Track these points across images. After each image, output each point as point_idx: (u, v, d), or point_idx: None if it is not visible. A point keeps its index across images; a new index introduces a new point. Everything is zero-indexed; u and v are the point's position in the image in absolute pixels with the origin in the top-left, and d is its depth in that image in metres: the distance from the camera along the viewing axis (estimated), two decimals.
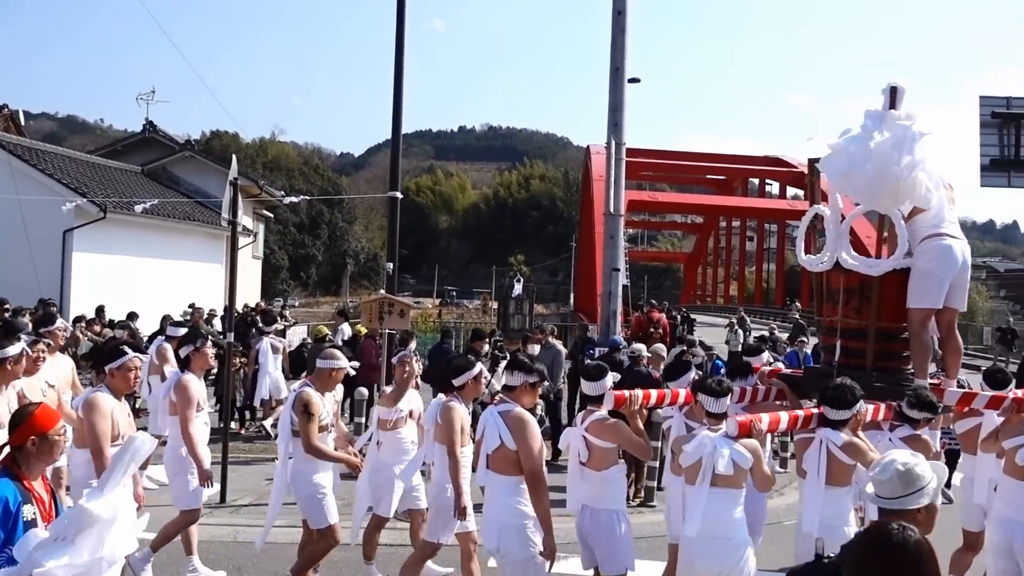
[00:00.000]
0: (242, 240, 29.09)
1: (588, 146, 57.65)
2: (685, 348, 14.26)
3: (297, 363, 14.87)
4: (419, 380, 7.96)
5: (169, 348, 10.21)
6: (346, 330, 15.20)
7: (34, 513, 3.42)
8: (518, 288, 21.17)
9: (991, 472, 6.19)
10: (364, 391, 10.99)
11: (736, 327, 23.06)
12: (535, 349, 10.25)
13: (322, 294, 78.94)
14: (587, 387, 5.66)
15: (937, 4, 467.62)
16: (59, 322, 8.26)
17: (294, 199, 18.13)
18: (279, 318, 20.22)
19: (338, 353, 6.50)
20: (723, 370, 14.11)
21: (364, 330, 15.10)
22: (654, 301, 19.28)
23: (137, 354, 5.92)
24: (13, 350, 5.63)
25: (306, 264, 78.84)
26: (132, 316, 16.00)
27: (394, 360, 7.17)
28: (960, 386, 6.56)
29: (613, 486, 5.56)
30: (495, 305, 29.72)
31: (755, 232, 70.96)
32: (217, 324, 18.76)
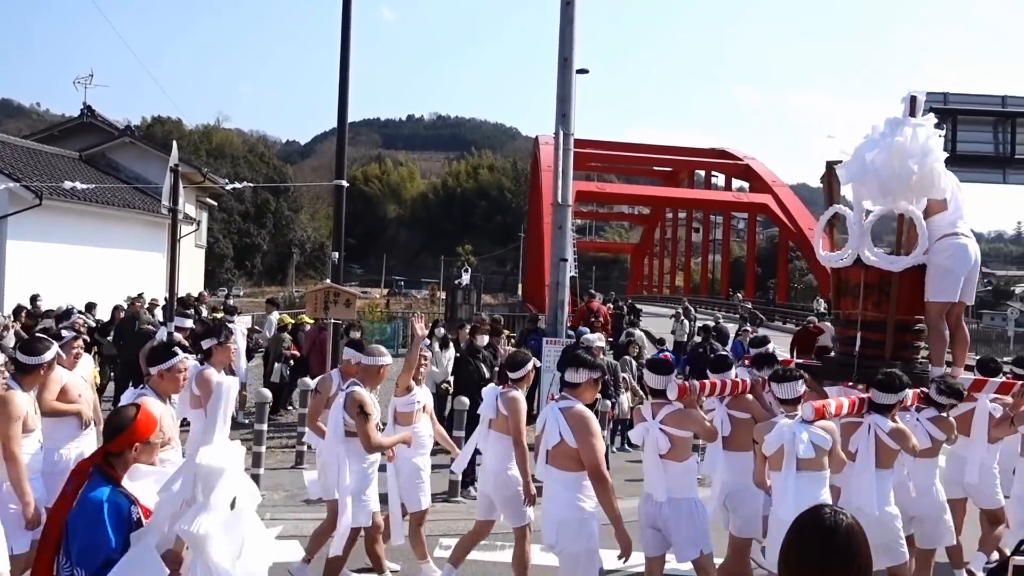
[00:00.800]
0: (184, 228, 28.51)
1: (537, 136, 57.73)
2: (631, 339, 14.39)
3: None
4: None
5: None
6: (273, 320, 14.82)
7: (138, 514, 3.39)
8: (466, 278, 21.14)
9: (983, 455, 6.67)
10: (309, 381, 10.84)
11: (682, 317, 23.29)
12: (483, 339, 10.21)
13: (267, 284, 78.00)
14: (653, 380, 5.69)
15: (881, 2, 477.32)
16: (76, 317, 8.43)
17: (238, 185, 17.73)
18: (223, 308, 19.90)
19: (383, 349, 6.57)
20: (670, 358, 14.24)
21: (289, 320, 14.98)
22: (595, 292, 19.37)
23: (186, 355, 5.69)
24: (48, 355, 5.53)
25: (251, 253, 77.76)
26: (91, 307, 15.52)
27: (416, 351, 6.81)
28: None
29: (691, 475, 5.69)
30: (443, 295, 29.63)
31: (701, 223, 71.77)
32: (159, 314, 18.39)
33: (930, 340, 6.87)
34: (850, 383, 6.72)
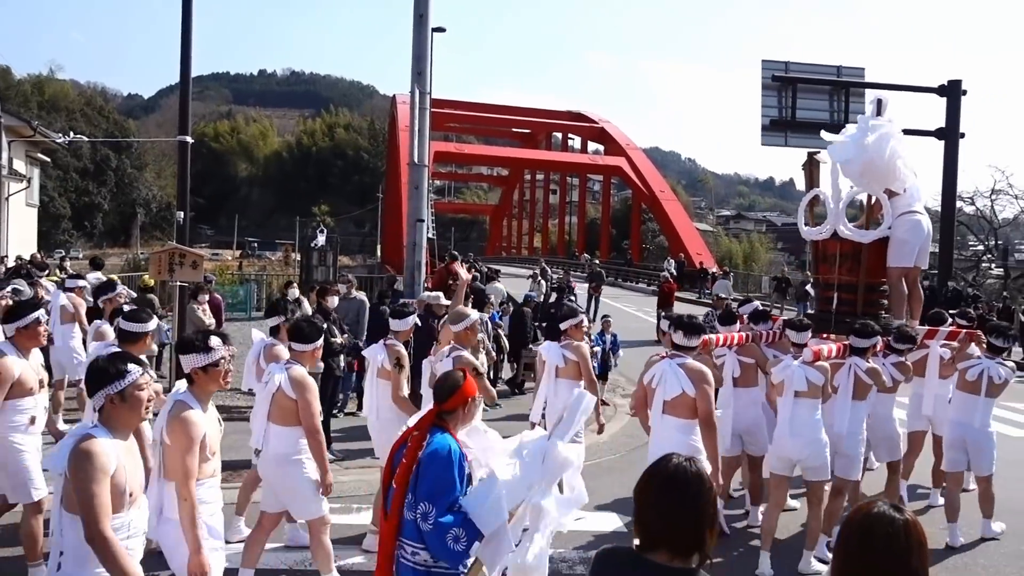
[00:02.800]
0: (13, 186, 26.64)
1: (394, 95, 56.79)
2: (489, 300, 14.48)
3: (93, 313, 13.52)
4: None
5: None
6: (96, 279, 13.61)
7: (470, 466, 3.82)
8: (321, 239, 20.59)
9: (936, 389, 8.05)
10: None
11: (539, 278, 23.66)
12: (334, 301, 10.01)
13: (110, 245, 73.89)
14: (682, 338, 6.09)
15: None
16: (120, 288, 8.42)
17: (75, 138, 16.54)
18: (58, 271, 18.72)
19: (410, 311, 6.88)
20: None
21: (150, 281, 14.14)
22: (456, 253, 19.37)
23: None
24: (151, 325, 5.88)
25: (91, 213, 73.50)
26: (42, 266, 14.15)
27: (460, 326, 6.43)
28: None
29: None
30: (298, 257, 28.90)
31: (558, 185, 72.80)
32: None
33: (890, 298, 8.56)
34: (825, 335, 8.29)
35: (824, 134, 9.10)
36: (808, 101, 21.34)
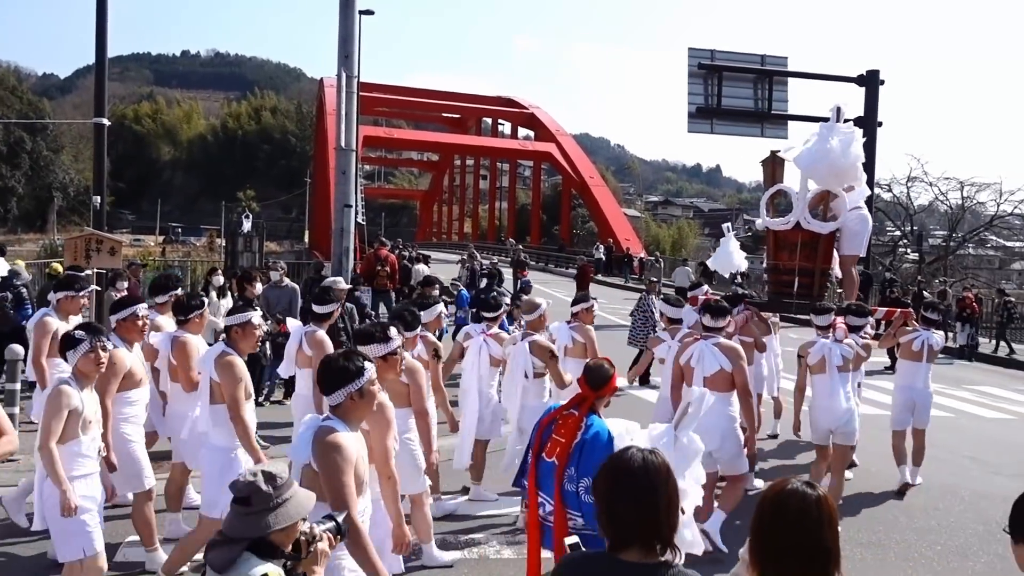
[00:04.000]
0: None
1: (322, 78, 55.98)
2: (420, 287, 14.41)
3: None
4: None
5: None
6: (1, 267, 12.82)
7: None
8: (247, 225, 20.23)
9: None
10: (19, 349, 9.37)
11: (468, 263, 23.62)
12: (257, 288, 9.83)
13: (25, 231, 71.41)
14: (671, 311, 8.18)
15: None
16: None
17: None
18: None
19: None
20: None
21: (59, 268, 13.63)
22: (384, 239, 19.24)
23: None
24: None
25: (4, 197, 70.93)
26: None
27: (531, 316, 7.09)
28: None
29: None
30: (223, 242, 28.30)
31: (488, 171, 72.73)
32: None
33: (843, 281, 9.84)
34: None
35: (784, 153, 10.33)
36: (733, 89, 21.67)
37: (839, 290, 10.85)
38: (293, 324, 7.40)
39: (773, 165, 10.38)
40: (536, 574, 4.43)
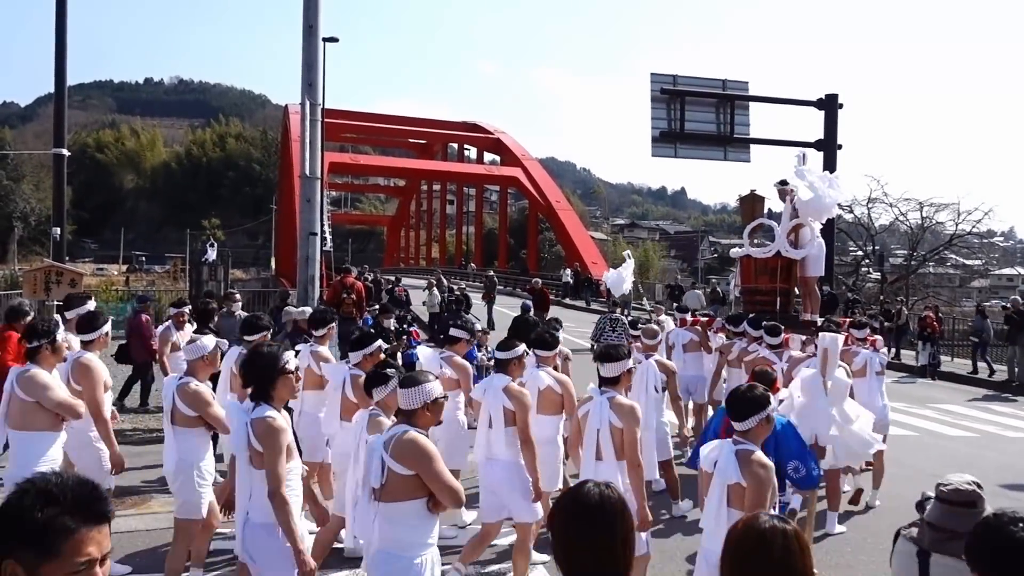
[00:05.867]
0: None
1: (287, 105, 55.77)
2: (379, 311, 14.37)
3: None
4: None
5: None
6: None
7: None
8: (212, 253, 20.09)
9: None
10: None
11: (434, 288, 23.56)
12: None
13: None
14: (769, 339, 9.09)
15: None
16: None
17: None
18: None
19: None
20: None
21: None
22: (350, 266, 19.16)
23: None
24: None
25: None
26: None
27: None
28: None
29: None
30: (188, 271, 28.01)
31: (455, 196, 72.78)
32: None
33: (809, 299, 11.41)
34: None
35: (792, 188, 11.40)
36: (696, 113, 21.93)
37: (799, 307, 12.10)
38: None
39: (754, 202, 12.43)
40: None
